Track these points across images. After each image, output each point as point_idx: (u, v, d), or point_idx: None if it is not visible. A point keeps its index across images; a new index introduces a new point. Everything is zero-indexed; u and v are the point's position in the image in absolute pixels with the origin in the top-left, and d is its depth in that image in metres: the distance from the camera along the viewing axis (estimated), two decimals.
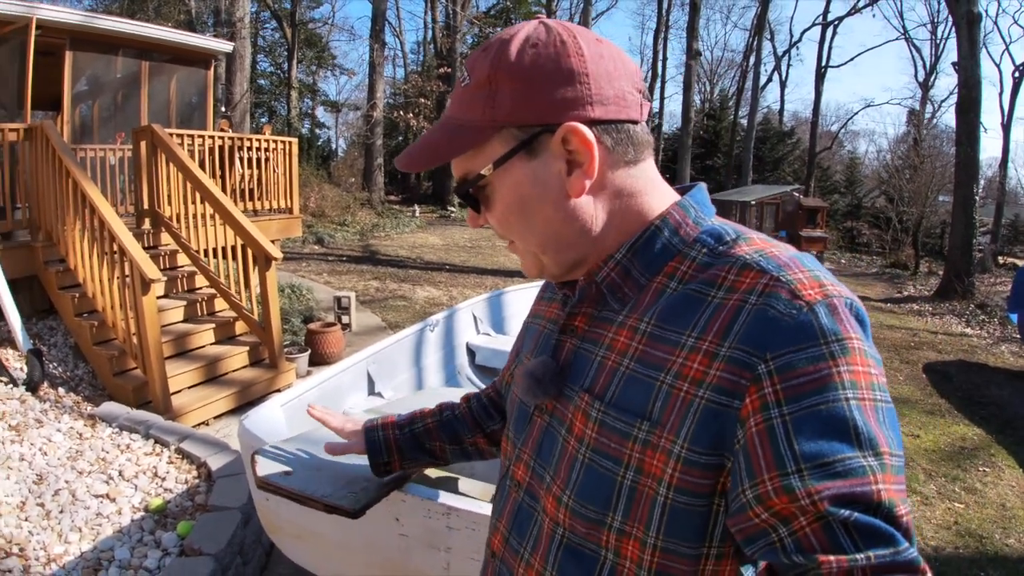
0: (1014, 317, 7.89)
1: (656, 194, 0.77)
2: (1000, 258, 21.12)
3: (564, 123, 0.70)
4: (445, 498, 1.39)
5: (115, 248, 4.36)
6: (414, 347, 3.39)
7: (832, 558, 0.56)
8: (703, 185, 0.83)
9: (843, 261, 20.03)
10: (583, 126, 0.70)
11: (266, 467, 1.18)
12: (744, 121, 29.36)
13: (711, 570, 0.68)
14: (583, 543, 0.73)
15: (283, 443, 1.34)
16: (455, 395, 2.36)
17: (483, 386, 3.77)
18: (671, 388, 0.67)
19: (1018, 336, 8.42)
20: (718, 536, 0.67)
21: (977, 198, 12.65)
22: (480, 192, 0.76)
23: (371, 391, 2.93)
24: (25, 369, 4.37)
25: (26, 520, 2.81)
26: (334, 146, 35.00)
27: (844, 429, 0.59)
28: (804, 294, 0.64)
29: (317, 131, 32.10)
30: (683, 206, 0.77)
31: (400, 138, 33.11)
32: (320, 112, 33.66)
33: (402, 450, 1.11)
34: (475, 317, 4.18)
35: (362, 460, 1.15)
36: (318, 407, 1.17)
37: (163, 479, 3.24)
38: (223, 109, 12.89)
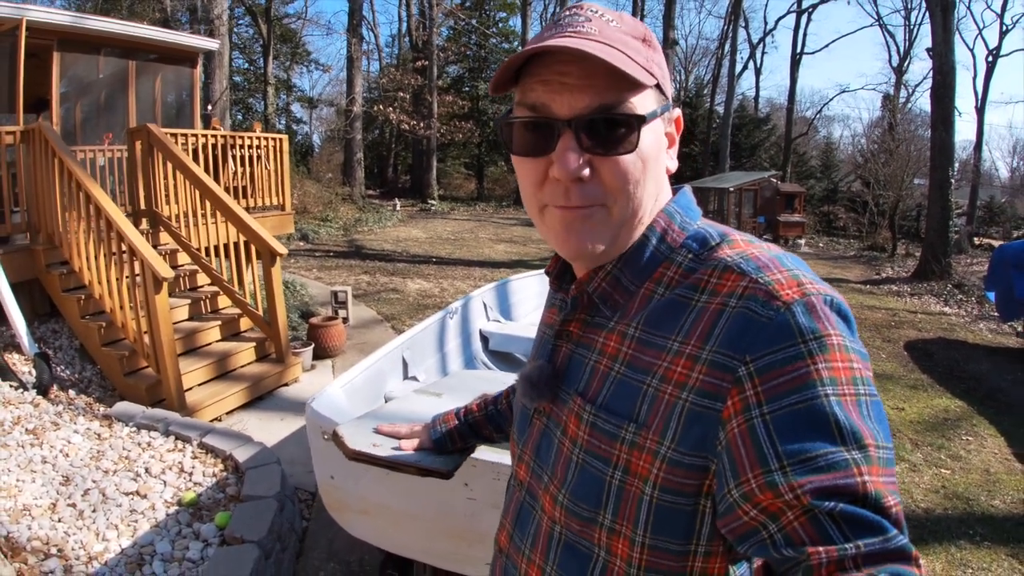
0: (991, 295, 8.14)
1: (664, 194, 0.80)
2: (976, 239, 21.56)
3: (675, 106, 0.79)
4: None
5: (123, 248, 4.40)
6: (438, 334, 3.59)
7: (821, 549, 0.56)
8: (687, 188, 0.84)
9: (821, 245, 20.34)
10: None
11: (351, 442, 1.28)
12: (720, 108, 29.48)
13: (700, 567, 0.70)
14: (578, 540, 0.76)
15: (357, 421, 1.45)
16: (477, 378, 2.52)
17: (495, 369, 3.95)
18: (656, 391, 0.69)
19: (995, 314, 8.69)
20: (706, 535, 0.69)
21: (952, 181, 12.94)
22: (628, 132, 0.70)
23: (405, 375, 3.09)
24: (33, 373, 4.38)
25: (59, 521, 2.84)
26: (311, 142, 34.71)
27: (825, 425, 0.59)
28: (782, 294, 0.65)
29: (294, 127, 31.77)
30: (668, 212, 0.78)
31: (377, 132, 32.89)
32: (295, 108, 33.36)
33: (464, 436, 1.24)
34: (485, 305, 4.37)
35: None
36: (384, 425, 1.31)
37: (190, 474, 3.31)
38: (209, 107, 12.81)
